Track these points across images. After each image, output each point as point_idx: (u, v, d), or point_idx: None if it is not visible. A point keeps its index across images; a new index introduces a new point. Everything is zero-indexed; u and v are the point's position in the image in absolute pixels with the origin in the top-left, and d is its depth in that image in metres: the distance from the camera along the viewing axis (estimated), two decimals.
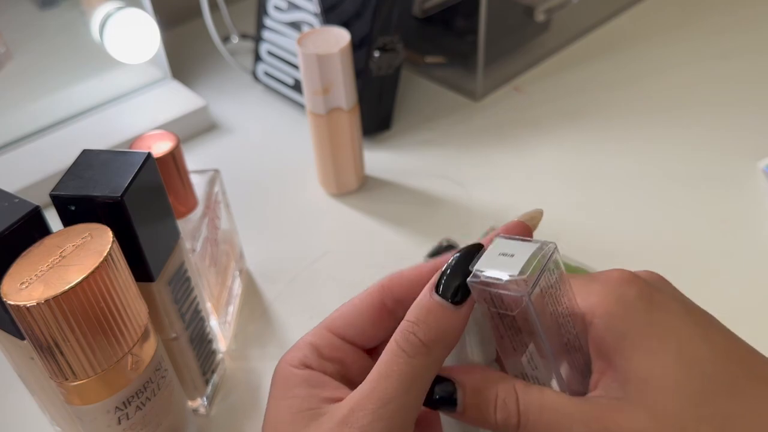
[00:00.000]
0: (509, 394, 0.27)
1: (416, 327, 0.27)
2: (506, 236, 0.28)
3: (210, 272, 0.46)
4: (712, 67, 0.74)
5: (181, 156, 0.44)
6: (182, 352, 0.41)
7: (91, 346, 0.31)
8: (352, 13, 0.63)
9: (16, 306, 0.29)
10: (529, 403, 0.27)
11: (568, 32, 0.80)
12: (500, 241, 0.27)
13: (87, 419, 0.34)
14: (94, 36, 0.68)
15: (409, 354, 0.27)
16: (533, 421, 0.27)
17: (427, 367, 0.27)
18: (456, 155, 0.65)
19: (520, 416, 0.27)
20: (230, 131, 0.71)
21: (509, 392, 0.27)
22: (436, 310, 0.27)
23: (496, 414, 0.27)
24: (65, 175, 0.35)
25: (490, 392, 0.27)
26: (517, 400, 0.27)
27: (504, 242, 0.27)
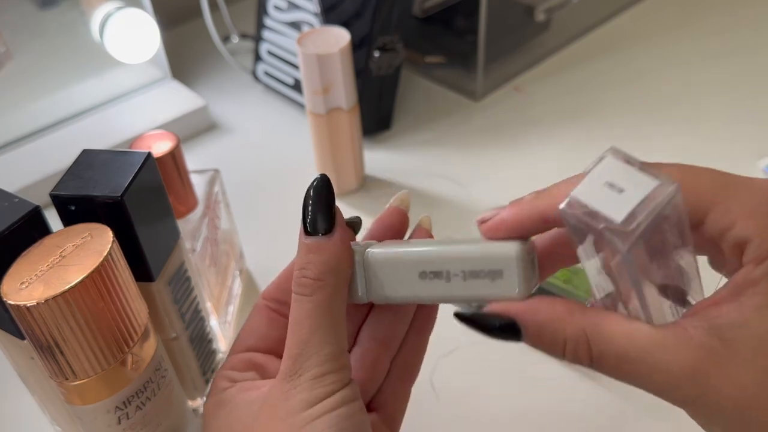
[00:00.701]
0: (579, 341, 0.26)
1: (302, 270, 0.28)
2: (617, 156, 0.24)
3: (210, 272, 0.46)
4: (711, 66, 0.74)
5: (181, 156, 0.44)
6: (182, 351, 0.41)
7: (91, 345, 0.31)
8: (352, 12, 0.63)
9: (16, 306, 0.29)
10: (605, 352, 0.25)
11: (568, 32, 0.80)
12: (610, 163, 0.23)
13: (87, 419, 0.34)
14: (94, 36, 0.68)
15: (306, 294, 0.28)
16: (606, 368, 0.25)
17: (329, 297, 0.28)
18: (456, 155, 0.66)
19: (592, 362, 0.26)
20: (230, 131, 0.71)
21: (579, 339, 0.25)
22: (312, 247, 0.29)
23: (565, 355, 0.26)
24: (65, 174, 0.35)
25: (557, 336, 0.26)
26: (588, 349, 0.25)
27: (615, 165, 0.23)
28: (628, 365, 0.25)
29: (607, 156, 0.23)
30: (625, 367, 0.25)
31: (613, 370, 0.25)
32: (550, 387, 0.45)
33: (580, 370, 0.46)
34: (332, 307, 0.29)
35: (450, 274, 0.29)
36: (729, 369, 0.23)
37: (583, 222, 0.22)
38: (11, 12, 0.64)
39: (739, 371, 0.23)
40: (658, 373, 0.24)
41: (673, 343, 0.24)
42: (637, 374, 0.25)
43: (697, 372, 0.23)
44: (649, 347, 0.24)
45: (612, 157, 0.23)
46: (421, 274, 0.29)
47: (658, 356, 0.24)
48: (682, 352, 0.24)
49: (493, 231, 0.29)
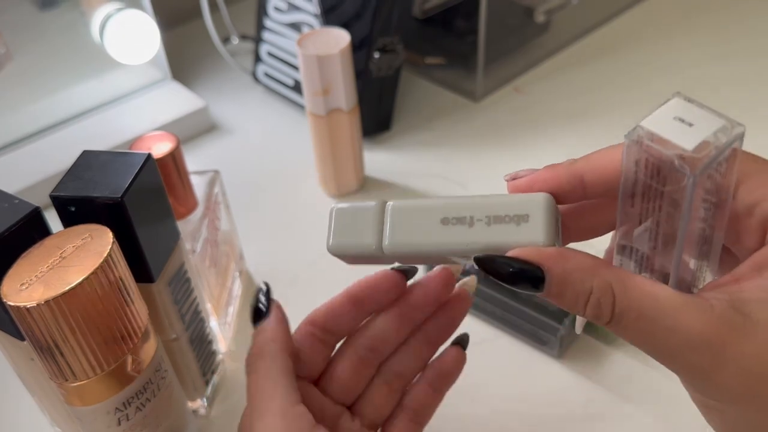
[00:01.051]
0: (605, 293, 0.25)
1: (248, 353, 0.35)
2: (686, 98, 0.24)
3: (210, 273, 0.46)
4: (711, 67, 0.74)
5: (181, 157, 0.44)
6: (182, 352, 0.41)
7: (91, 347, 0.31)
8: (352, 14, 0.63)
9: (16, 307, 0.29)
10: (627, 309, 0.25)
11: (567, 33, 0.80)
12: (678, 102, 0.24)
13: (87, 420, 0.34)
14: (95, 37, 0.68)
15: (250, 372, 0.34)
16: (625, 325, 0.25)
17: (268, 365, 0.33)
18: (456, 156, 0.66)
19: (613, 317, 0.25)
20: (230, 132, 0.71)
21: (605, 292, 0.25)
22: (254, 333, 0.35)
23: (586, 309, 0.26)
24: (65, 176, 0.35)
25: (584, 286, 0.25)
26: (613, 303, 0.25)
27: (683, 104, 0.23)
28: (647, 323, 0.25)
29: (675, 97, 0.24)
30: (644, 325, 0.25)
31: (631, 327, 0.25)
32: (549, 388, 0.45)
33: (578, 370, 0.46)
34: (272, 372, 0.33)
35: (473, 219, 0.28)
36: (747, 342, 0.23)
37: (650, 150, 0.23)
38: (11, 13, 0.64)
39: (758, 346, 0.23)
40: (676, 334, 0.24)
41: (695, 309, 0.24)
42: (654, 334, 0.25)
43: (715, 340, 0.24)
44: (671, 309, 0.24)
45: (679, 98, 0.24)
46: (443, 220, 0.28)
47: (679, 319, 0.24)
48: (702, 319, 0.24)
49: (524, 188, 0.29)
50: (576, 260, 0.26)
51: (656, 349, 0.25)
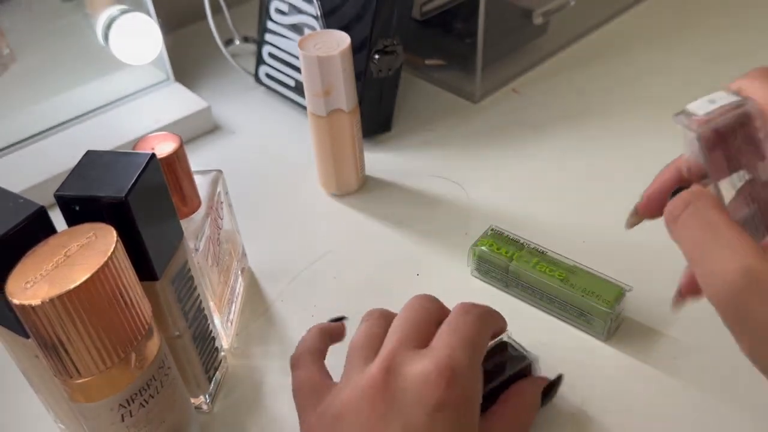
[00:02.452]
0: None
1: None
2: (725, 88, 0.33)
3: (212, 271, 0.47)
4: (709, 69, 0.75)
5: (184, 157, 0.44)
6: (185, 350, 0.42)
7: (95, 344, 0.32)
8: (352, 16, 0.63)
9: (21, 305, 0.29)
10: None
11: (565, 35, 0.81)
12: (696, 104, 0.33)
13: (91, 417, 0.35)
14: (99, 39, 0.68)
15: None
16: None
17: None
18: (455, 156, 0.66)
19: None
20: (232, 132, 0.72)
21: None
22: None
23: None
24: (70, 175, 0.35)
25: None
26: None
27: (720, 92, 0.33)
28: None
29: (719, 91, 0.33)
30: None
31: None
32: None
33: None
34: None
35: None
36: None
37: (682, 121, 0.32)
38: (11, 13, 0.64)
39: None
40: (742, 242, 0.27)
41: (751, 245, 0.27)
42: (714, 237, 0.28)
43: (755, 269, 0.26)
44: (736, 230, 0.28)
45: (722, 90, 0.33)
46: None
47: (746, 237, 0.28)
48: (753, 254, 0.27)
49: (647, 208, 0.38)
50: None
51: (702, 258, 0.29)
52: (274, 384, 0.47)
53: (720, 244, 0.28)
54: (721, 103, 0.32)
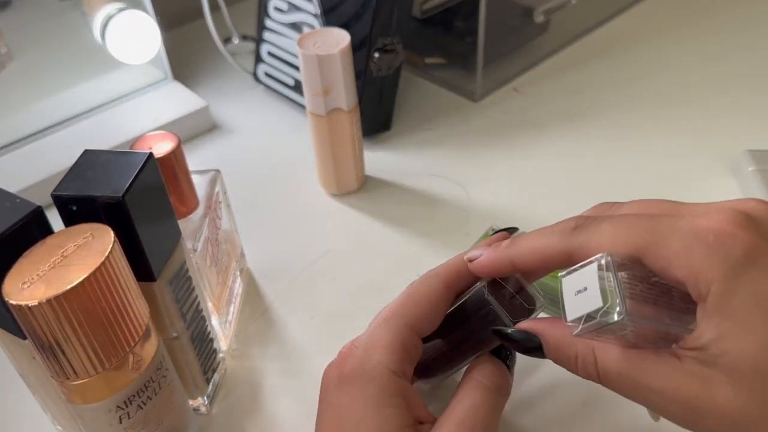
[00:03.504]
0: (588, 356, 0.29)
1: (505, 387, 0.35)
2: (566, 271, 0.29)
3: (211, 272, 0.47)
4: (710, 67, 0.74)
5: (182, 156, 0.44)
6: (183, 351, 0.42)
7: (93, 345, 0.31)
8: (352, 14, 0.63)
9: (18, 306, 0.29)
10: (608, 370, 0.29)
11: (566, 33, 0.80)
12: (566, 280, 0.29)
13: (88, 418, 0.34)
14: (96, 37, 0.68)
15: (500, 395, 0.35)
16: (611, 382, 0.29)
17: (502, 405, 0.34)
18: (455, 155, 0.66)
19: (599, 375, 0.29)
20: (231, 132, 0.72)
21: (587, 355, 0.29)
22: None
23: (578, 370, 0.30)
24: (67, 175, 0.35)
25: (570, 350, 0.30)
26: (595, 363, 0.29)
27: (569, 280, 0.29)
28: (628, 381, 0.28)
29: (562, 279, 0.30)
30: (626, 383, 0.28)
31: (615, 384, 0.29)
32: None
33: None
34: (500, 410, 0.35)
35: None
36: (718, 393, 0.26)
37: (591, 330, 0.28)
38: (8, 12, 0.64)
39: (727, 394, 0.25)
40: (654, 391, 0.27)
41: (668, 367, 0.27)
42: (636, 391, 0.28)
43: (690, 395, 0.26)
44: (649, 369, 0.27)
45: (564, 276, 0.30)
46: None
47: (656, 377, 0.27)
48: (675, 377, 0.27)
49: (476, 269, 0.35)
50: (565, 329, 0.30)
51: (644, 403, 0.28)
52: (274, 385, 0.47)
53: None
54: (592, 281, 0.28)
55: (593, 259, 0.28)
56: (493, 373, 0.34)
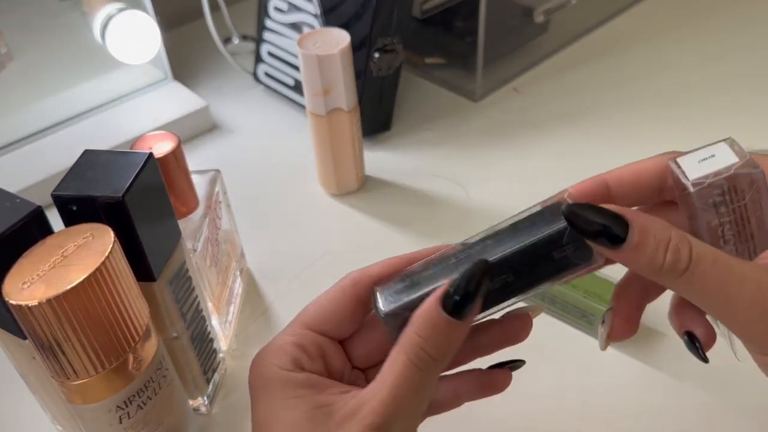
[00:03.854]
0: (683, 240, 0.27)
1: (426, 344, 0.28)
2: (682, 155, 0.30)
3: (211, 272, 0.47)
4: (710, 67, 0.74)
5: (182, 156, 0.44)
6: (183, 351, 0.42)
7: (93, 345, 0.31)
8: (352, 14, 0.63)
9: (18, 306, 0.29)
10: (704, 254, 0.27)
11: (566, 33, 0.80)
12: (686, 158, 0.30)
13: (88, 418, 0.34)
14: (96, 37, 0.68)
15: (420, 367, 0.28)
16: (702, 270, 0.27)
17: (435, 375, 0.29)
18: (455, 155, 0.66)
19: (691, 261, 0.27)
20: (231, 132, 0.72)
21: (683, 239, 0.28)
22: (444, 327, 0.28)
23: (667, 255, 0.27)
24: (67, 175, 0.35)
25: (664, 234, 0.28)
26: (690, 248, 0.27)
27: (690, 156, 0.30)
28: (722, 269, 0.27)
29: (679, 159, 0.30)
30: (719, 271, 0.27)
31: (707, 274, 0.27)
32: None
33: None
34: (434, 384, 0.30)
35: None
36: None
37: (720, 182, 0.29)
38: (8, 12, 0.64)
39: None
40: (749, 282, 0.27)
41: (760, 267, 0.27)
42: (729, 281, 0.27)
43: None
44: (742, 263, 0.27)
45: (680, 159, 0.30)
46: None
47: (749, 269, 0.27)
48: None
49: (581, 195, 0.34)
50: (653, 217, 0.28)
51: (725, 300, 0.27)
52: None
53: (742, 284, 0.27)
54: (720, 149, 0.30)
55: (717, 140, 0.30)
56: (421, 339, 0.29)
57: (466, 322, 0.28)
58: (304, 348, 0.32)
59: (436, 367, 0.29)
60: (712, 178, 0.29)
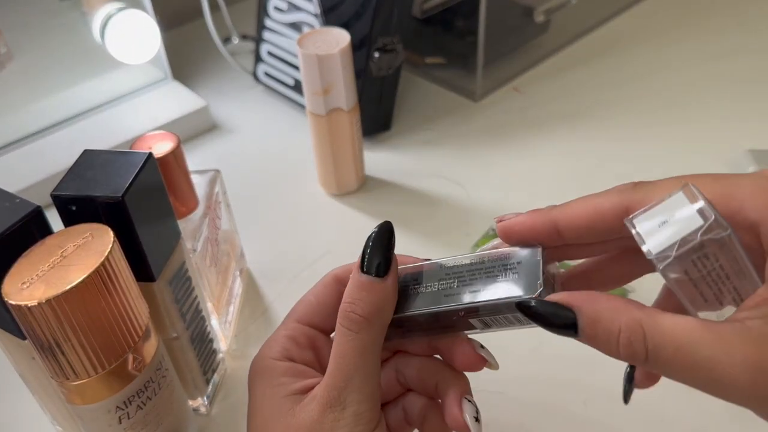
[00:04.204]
0: (635, 332, 0.25)
1: (353, 306, 0.30)
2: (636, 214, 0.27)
3: (211, 272, 0.47)
4: (710, 67, 0.74)
5: (181, 156, 0.44)
6: (183, 351, 0.42)
7: (92, 345, 0.31)
8: (352, 13, 0.63)
9: (18, 306, 0.29)
10: (661, 345, 0.24)
11: (567, 33, 0.80)
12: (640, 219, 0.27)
13: (88, 419, 0.34)
14: (95, 37, 0.68)
15: (353, 330, 0.30)
16: (665, 360, 0.25)
17: (374, 338, 0.30)
18: (455, 155, 0.66)
19: (648, 354, 0.25)
20: (231, 132, 0.71)
21: (635, 330, 0.25)
22: (365, 285, 0.30)
23: (620, 348, 0.26)
24: (66, 175, 0.35)
25: (613, 325, 0.26)
26: (644, 339, 0.25)
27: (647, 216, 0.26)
28: (686, 356, 0.24)
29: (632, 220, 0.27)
30: (684, 359, 0.24)
31: (670, 363, 0.24)
32: None
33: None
34: (375, 347, 0.31)
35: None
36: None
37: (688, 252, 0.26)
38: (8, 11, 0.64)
39: None
40: (720, 364, 0.23)
41: (732, 334, 0.23)
42: (696, 367, 0.24)
43: (761, 361, 0.23)
44: (709, 339, 0.24)
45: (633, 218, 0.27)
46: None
47: (718, 346, 0.23)
48: (742, 344, 0.23)
49: (507, 230, 0.31)
50: (605, 301, 0.26)
51: (703, 383, 0.24)
52: None
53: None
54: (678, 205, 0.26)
55: (673, 193, 0.26)
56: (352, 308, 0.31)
57: (385, 280, 0.30)
58: (294, 339, 0.34)
59: (369, 327, 0.30)
60: (678, 251, 0.25)
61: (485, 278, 0.31)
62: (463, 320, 0.31)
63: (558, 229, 0.30)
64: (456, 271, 0.31)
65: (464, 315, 0.31)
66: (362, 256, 0.31)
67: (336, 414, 0.30)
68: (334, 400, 0.30)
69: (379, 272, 0.30)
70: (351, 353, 0.30)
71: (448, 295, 0.31)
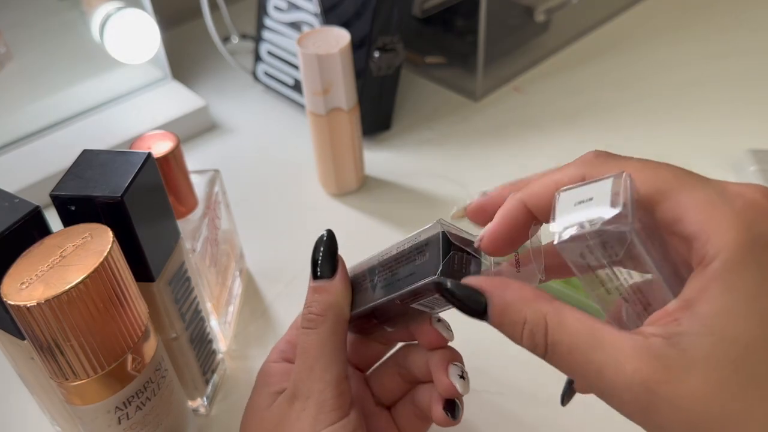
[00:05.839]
0: (538, 325, 0.25)
1: (309, 308, 0.34)
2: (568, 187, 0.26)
3: (210, 272, 0.46)
4: (710, 67, 0.74)
5: (181, 156, 0.44)
6: (182, 352, 0.41)
7: (92, 346, 0.31)
8: (352, 13, 0.63)
9: (17, 306, 0.29)
10: (558, 342, 0.25)
11: (567, 32, 0.80)
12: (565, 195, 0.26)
13: (87, 419, 0.34)
14: (95, 36, 0.68)
15: (311, 327, 0.33)
16: (558, 357, 0.25)
17: (331, 330, 0.33)
18: (456, 155, 0.66)
19: (546, 349, 0.25)
20: (230, 131, 0.71)
21: (538, 323, 0.25)
22: (317, 288, 0.34)
23: (522, 339, 0.26)
24: (65, 175, 0.35)
25: (517, 315, 0.26)
26: (545, 334, 0.25)
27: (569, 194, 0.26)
28: (579, 357, 0.24)
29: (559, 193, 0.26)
30: (576, 359, 0.24)
31: (565, 360, 0.25)
32: None
33: None
34: (334, 338, 0.33)
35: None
36: (682, 380, 0.22)
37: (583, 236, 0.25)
38: (7, 11, 0.64)
39: (693, 385, 0.22)
40: (609, 371, 0.23)
41: (631, 346, 0.23)
42: (586, 368, 0.24)
43: (649, 380, 0.23)
44: (606, 345, 0.24)
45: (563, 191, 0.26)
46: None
47: (613, 355, 0.23)
48: (638, 358, 0.23)
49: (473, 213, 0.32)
50: (517, 290, 0.26)
51: (590, 385, 0.24)
52: None
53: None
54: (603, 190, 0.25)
55: (608, 176, 0.25)
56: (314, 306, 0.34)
57: (333, 279, 0.34)
58: (292, 343, 0.38)
59: (324, 321, 0.33)
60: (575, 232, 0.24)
61: (405, 265, 0.32)
62: (408, 307, 0.32)
63: (526, 205, 0.29)
64: (386, 262, 0.33)
65: (401, 303, 0.32)
66: (311, 265, 0.35)
67: (301, 403, 0.33)
68: (298, 391, 0.33)
69: (324, 274, 0.34)
70: (310, 347, 0.33)
71: (385, 287, 0.33)
